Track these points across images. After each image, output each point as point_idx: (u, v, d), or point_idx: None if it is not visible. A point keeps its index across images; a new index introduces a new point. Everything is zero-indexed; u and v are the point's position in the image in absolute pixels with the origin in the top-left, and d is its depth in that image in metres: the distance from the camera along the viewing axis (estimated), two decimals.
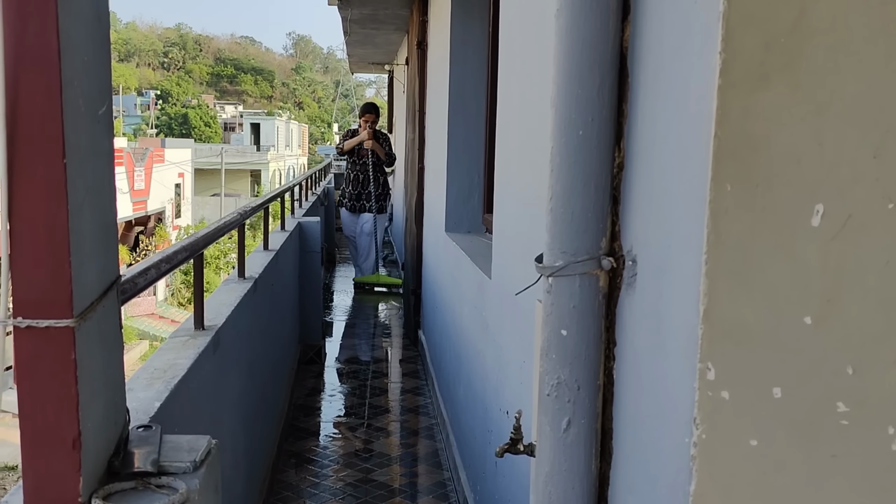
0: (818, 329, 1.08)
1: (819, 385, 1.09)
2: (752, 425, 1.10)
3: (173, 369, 2.01)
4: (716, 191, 1.07)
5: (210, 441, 1.45)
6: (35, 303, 1.16)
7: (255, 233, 16.64)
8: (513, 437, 1.82)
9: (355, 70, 14.62)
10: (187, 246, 2.31)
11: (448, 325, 4.56)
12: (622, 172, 1.45)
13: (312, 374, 5.83)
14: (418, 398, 5.27)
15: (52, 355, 1.16)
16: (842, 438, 1.10)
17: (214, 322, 2.61)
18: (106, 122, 1.34)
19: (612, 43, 1.41)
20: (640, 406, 1.34)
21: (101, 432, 1.28)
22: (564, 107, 1.44)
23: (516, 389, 2.39)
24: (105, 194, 1.34)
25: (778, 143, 1.07)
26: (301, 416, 4.93)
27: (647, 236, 1.33)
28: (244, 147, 48.18)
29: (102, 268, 1.31)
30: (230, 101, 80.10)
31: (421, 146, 6.35)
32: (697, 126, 1.12)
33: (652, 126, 1.32)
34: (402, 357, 6.36)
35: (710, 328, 1.09)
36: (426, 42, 6.33)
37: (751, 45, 1.05)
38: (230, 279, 3.66)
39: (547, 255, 1.51)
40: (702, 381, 1.10)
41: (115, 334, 1.37)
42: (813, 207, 1.07)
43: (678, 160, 1.20)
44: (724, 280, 1.08)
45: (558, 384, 1.49)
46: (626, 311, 1.42)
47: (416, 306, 6.46)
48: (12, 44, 1.14)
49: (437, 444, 4.46)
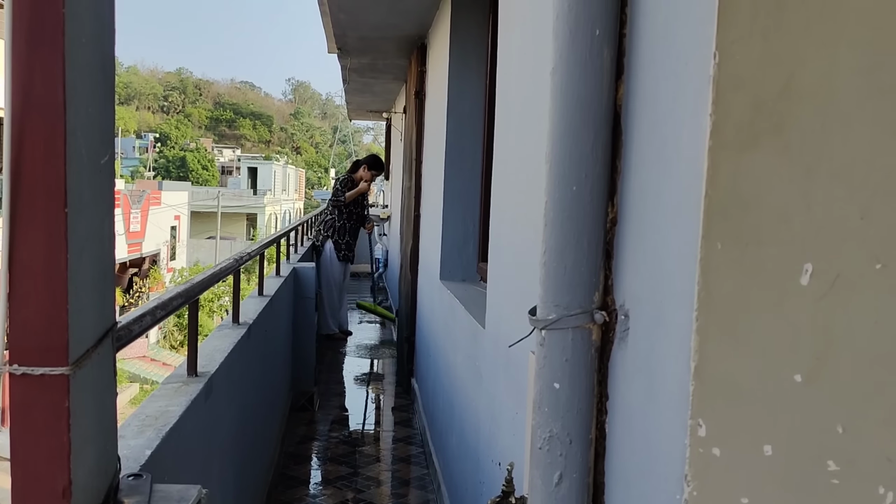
0: (808, 387, 1.09)
1: (810, 443, 1.10)
2: (744, 482, 1.10)
3: (165, 416, 2.00)
4: (707, 248, 1.09)
5: (200, 491, 1.44)
6: (31, 349, 1.16)
7: (250, 276, 16.60)
8: (504, 489, 1.81)
9: (353, 117, 14.76)
10: (182, 292, 2.31)
11: (441, 374, 4.54)
12: (615, 227, 1.47)
13: (304, 420, 5.79)
14: (410, 447, 5.22)
15: (45, 403, 1.17)
16: (832, 497, 1.10)
17: (207, 368, 2.61)
18: (108, 171, 1.36)
19: (606, 101, 1.44)
20: (632, 461, 1.34)
21: (91, 481, 1.27)
22: (559, 162, 1.47)
23: (509, 440, 2.38)
24: (104, 242, 1.35)
25: (767, 202, 1.09)
26: (291, 463, 4.88)
27: (640, 291, 1.35)
28: (241, 191, 48.38)
29: (99, 315, 1.31)
30: (228, 144, 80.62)
31: (417, 194, 6.39)
32: (689, 184, 1.14)
33: (644, 183, 1.34)
34: (394, 405, 6.31)
35: (701, 384, 1.10)
36: (424, 92, 6.41)
37: (740, 108, 1.08)
38: (224, 325, 3.65)
39: (540, 308, 1.52)
40: (693, 437, 1.10)
41: (108, 381, 1.37)
42: (802, 266, 1.09)
43: (670, 217, 1.22)
44: (715, 336, 1.10)
45: (550, 437, 1.49)
46: (619, 365, 1.43)
47: (409, 354, 6.44)
48: (19, 93, 1.17)
49: (428, 494, 4.41)
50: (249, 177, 52.60)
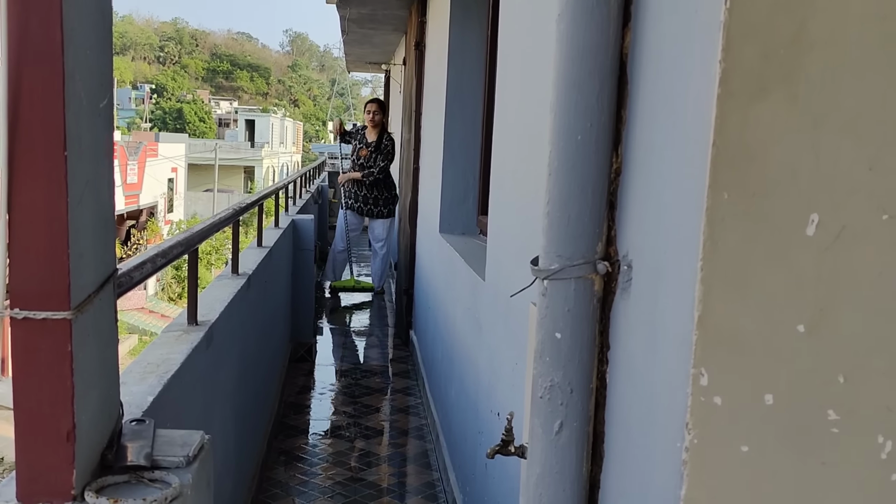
0: (811, 337, 1.09)
1: (811, 393, 1.10)
2: (744, 431, 1.11)
3: (166, 364, 2.01)
4: (713, 199, 1.08)
5: (203, 436, 1.45)
6: (32, 294, 1.16)
7: (248, 229, 16.59)
8: (504, 438, 1.83)
9: (352, 69, 14.61)
10: (182, 241, 2.31)
11: (440, 326, 4.56)
12: (619, 178, 1.46)
13: (303, 371, 5.83)
14: (408, 398, 5.27)
15: (48, 347, 1.17)
16: (832, 446, 1.11)
17: (208, 318, 2.61)
18: (106, 115, 1.34)
19: (612, 49, 1.42)
20: (633, 410, 1.35)
21: (94, 425, 1.28)
22: (563, 112, 1.45)
23: (508, 391, 2.40)
24: (104, 188, 1.34)
25: (775, 153, 1.08)
26: (291, 413, 4.93)
27: (643, 242, 1.34)
28: (238, 143, 48.10)
29: (100, 260, 1.31)
30: (225, 97, 79.93)
31: (416, 147, 6.35)
32: (696, 134, 1.13)
33: (650, 133, 1.33)
34: (393, 357, 6.36)
35: (704, 334, 1.10)
36: (424, 43, 6.33)
37: (750, 56, 1.06)
38: (223, 275, 3.65)
39: (542, 258, 1.51)
40: (695, 386, 1.11)
41: (110, 328, 1.37)
42: (808, 217, 1.08)
43: (676, 167, 1.21)
44: (719, 287, 1.09)
45: (551, 387, 1.50)
46: (621, 315, 1.43)
47: (408, 306, 6.46)
48: (16, 36, 1.15)
49: (426, 444, 4.46)
50: (247, 129, 52.26)
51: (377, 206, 7.87)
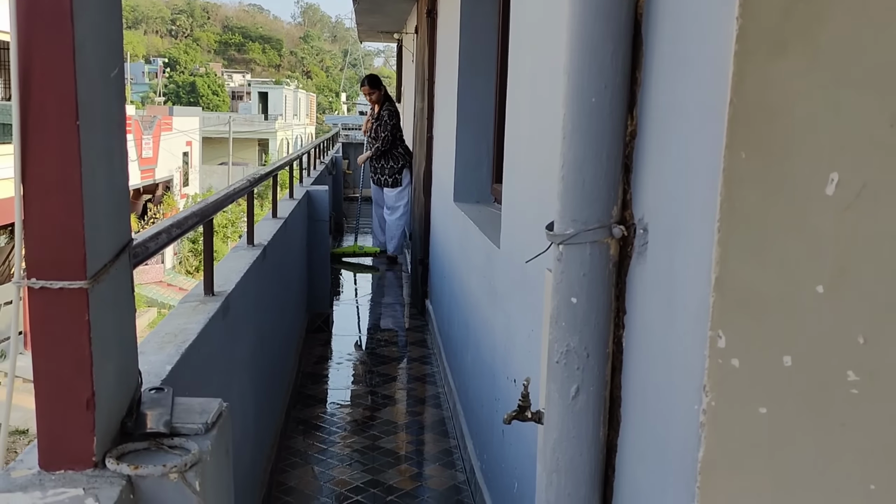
0: (830, 298, 1.08)
1: (830, 354, 1.09)
2: (762, 393, 1.10)
3: (184, 334, 2.02)
4: (730, 159, 1.07)
5: (221, 404, 1.46)
6: (49, 264, 1.16)
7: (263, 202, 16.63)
8: (521, 404, 1.83)
9: (364, 39, 14.51)
10: (197, 211, 2.31)
11: (456, 295, 4.57)
12: (634, 140, 1.44)
13: (320, 342, 5.87)
14: (425, 367, 5.30)
15: (65, 316, 1.17)
16: (851, 408, 1.10)
17: (224, 288, 2.62)
18: (117, 85, 1.34)
19: (626, 9, 1.40)
20: (650, 374, 1.35)
21: (113, 393, 1.29)
22: (577, 74, 1.43)
23: (524, 358, 2.40)
24: (117, 157, 1.34)
25: (794, 110, 1.06)
26: (309, 383, 4.96)
27: (659, 205, 1.33)
28: (252, 116, 48.07)
29: (115, 230, 1.31)
30: (238, 69, 79.79)
31: (430, 116, 6.31)
32: (713, 93, 1.11)
33: (665, 93, 1.31)
34: (409, 326, 6.38)
35: (721, 296, 1.09)
36: (436, 10, 6.27)
37: (769, 11, 1.04)
38: (239, 246, 3.67)
39: (558, 223, 1.50)
40: (712, 348, 1.10)
41: (127, 297, 1.37)
42: (828, 176, 1.07)
43: (692, 128, 1.19)
44: (737, 248, 1.08)
45: (567, 352, 1.50)
46: (637, 279, 1.42)
47: (423, 276, 6.47)
48: (25, 6, 1.14)
49: (443, 412, 4.49)
50: (260, 102, 52.21)
51: (384, 176, 8.02)
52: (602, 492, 1.53)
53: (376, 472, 3.72)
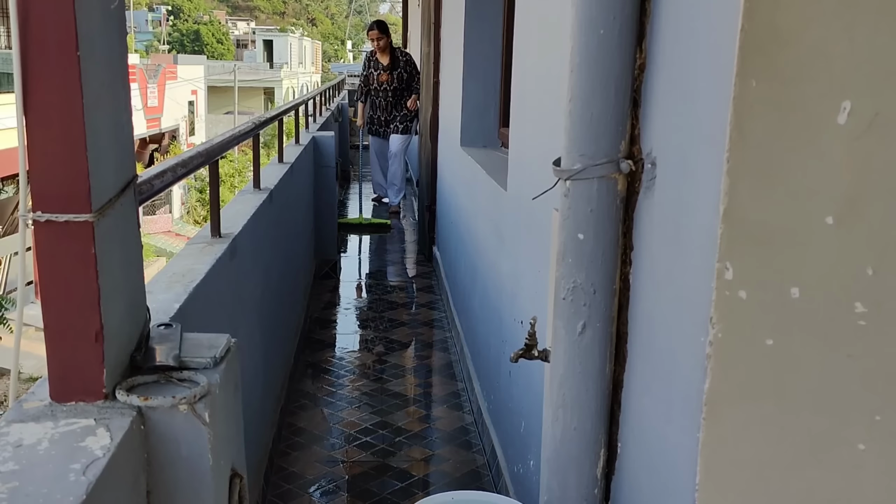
0: (840, 229, 1.07)
1: (838, 285, 1.09)
2: (769, 324, 1.10)
3: (191, 273, 2.02)
4: (740, 86, 1.05)
5: (229, 339, 1.47)
6: (54, 197, 1.16)
7: (269, 151, 16.57)
8: (527, 342, 1.84)
9: None
10: (203, 151, 2.30)
11: (463, 239, 4.57)
12: (643, 74, 1.42)
13: (328, 288, 5.89)
14: (433, 312, 5.32)
15: (72, 250, 1.17)
16: (858, 339, 1.10)
17: (231, 230, 2.63)
18: (118, 17, 1.32)
19: None
20: (656, 308, 1.35)
21: (122, 327, 1.30)
22: (585, 5, 1.40)
23: (531, 299, 2.41)
24: (119, 91, 1.32)
25: (806, 37, 1.04)
26: (317, 328, 5.00)
27: (668, 138, 1.31)
28: (257, 64, 47.58)
29: (119, 165, 1.30)
30: (242, 17, 78.75)
31: (436, 60, 6.24)
32: (723, 20, 1.08)
33: (675, 24, 1.28)
34: (416, 273, 6.40)
35: (729, 228, 1.08)
36: None
37: None
38: (246, 190, 3.66)
39: (565, 158, 1.49)
40: (719, 280, 1.10)
41: (133, 233, 1.37)
42: (840, 104, 1.05)
43: (702, 57, 1.17)
44: (746, 179, 1.07)
45: (574, 288, 1.50)
46: (644, 215, 1.41)
47: (430, 222, 6.46)
48: None
49: (451, 356, 4.52)
50: (265, 50, 51.61)
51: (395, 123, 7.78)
52: (608, 426, 1.54)
53: (385, 413, 3.76)
